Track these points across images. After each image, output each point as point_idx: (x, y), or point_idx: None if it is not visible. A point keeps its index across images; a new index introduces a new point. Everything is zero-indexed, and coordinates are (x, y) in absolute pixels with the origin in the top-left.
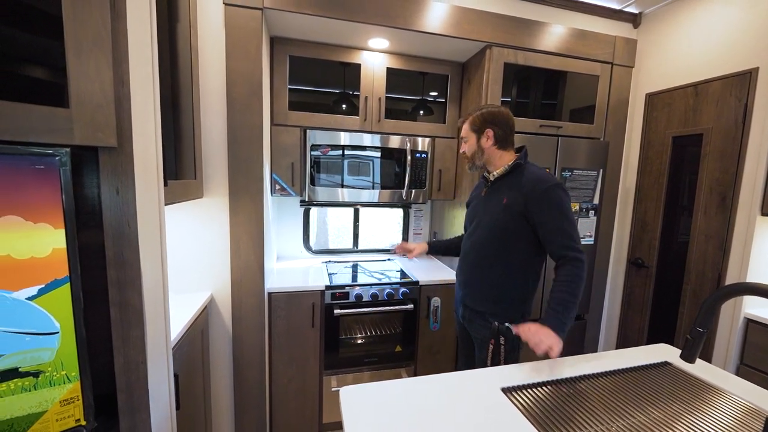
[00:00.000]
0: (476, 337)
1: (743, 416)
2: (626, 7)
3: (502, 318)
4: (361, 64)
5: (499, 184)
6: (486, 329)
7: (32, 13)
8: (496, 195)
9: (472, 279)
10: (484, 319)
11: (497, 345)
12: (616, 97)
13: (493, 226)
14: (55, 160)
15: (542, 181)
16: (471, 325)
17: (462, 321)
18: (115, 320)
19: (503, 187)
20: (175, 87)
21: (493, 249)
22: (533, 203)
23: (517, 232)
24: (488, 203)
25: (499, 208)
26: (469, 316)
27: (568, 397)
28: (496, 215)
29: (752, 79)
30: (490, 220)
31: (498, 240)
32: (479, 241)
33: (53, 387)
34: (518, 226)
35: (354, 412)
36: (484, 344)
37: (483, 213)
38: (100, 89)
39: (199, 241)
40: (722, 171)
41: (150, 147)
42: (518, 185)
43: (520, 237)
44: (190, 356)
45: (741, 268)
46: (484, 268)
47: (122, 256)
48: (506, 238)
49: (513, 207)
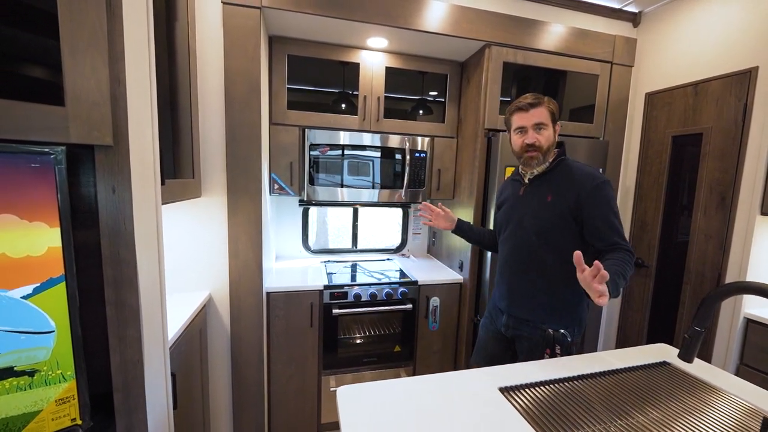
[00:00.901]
0: (525, 343)
1: (742, 416)
2: (626, 6)
3: (556, 325)
4: (360, 63)
5: (539, 181)
6: (538, 336)
7: (27, 11)
8: (537, 193)
9: (517, 286)
10: (535, 326)
11: (553, 354)
12: (615, 97)
13: (538, 226)
14: (51, 158)
15: (594, 177)
16: (517, 332)
17: (503, 330)
18: (111, 319)
19: (545, 185)
20: (173, 86)
21: (539, 251)
22: (586, 199)
23: (563, 231)
24: (528, 203)
25: (543, 205)
26: (515, 324)
27: (567, 396)
28: (541, 215)
29: (752, 79)
30: (534, 221)
31: (544, 241)
32: (521, 245)
33: (49, 386)
34: (565, 225)
35: (351, 412)
36: (535, 351)
37: (523, 214)
38: (96, 87)
39: (198, 240)
40: (722, 170)
41: (147, 145)
42: (566, 182)
43: (566, 236)
44: (187, 356)
45: (741, 267)
46: (530, 273)
47: (118, 255)
48: (553, 239)
49: (560, 204)
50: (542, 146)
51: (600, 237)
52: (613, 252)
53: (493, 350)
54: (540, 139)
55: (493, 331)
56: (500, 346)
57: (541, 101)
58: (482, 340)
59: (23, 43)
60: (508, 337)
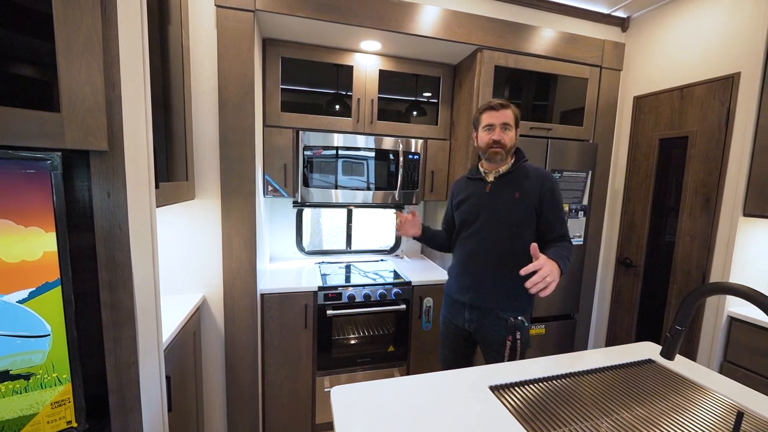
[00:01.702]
0: (489, 338)
1: (721, 412)
2: (615, 11)
3: (515, 312)
4: (353, 65)
5: (504, 180)
6: (501, 327)
7: (22, 16)
8: (504, 190)
9: (485, 278)
10: (496, 317)
11: (514, 341)
12: (604, 100)
13: (508, 220)
14: (46, 164)
15: (549, 177)
16: (481, 326)
17: (466, 326)
18: (107, 322)
19: (511, 183)
20: (166, 88)
21: (508, 244)
22: (545, 196)
23: (527, 224)
24: (497, 199)
25: (512, 200)
26: (478, 318)
27: (556, 395)
28: (509, 208)
29: (734, 84)
30: (504, 216)
31: (513, 234)
32: (491, 238)
33: (44, 389)
34: (528, 219)
35: (345, 412)
36: (500, 344)
37: (490, 207)
38: (91, 93)
39: (191, 242)
40: (706, 173)
41: (141, 149)
42: (529, 181)
43: (529, 228)
44: (182, 357)
45: (724, 267)
46: (500, 265)
47: (114, 258)
48: (519, 231)
49: (526, 200)
50: (506, 144)
51: (553, 229)
52: (561, 242)
53: (456, 345)
54: (505, 138)
55: (454, 327)
56: (462, 341)
57: (509, 105)
58: (445, 337)
59: (18, 48)
60: (470, 330)
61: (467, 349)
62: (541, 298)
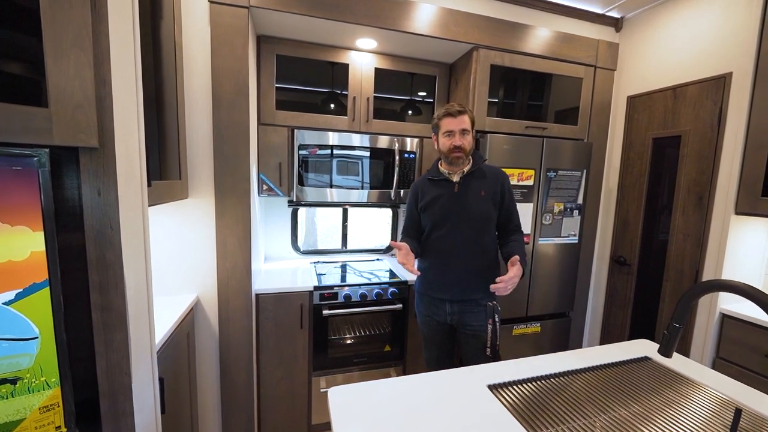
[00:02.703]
0: (471, 325)
1: (717, 408)
2: (608, 11)
3: (491, 297)
4: (349, 63)
5: (469, 179)
6: (481, 313)
7: (8, 9)
8: (470, 189)
9: (466, 273)
10: (477, 304)
11: (494, 323)
12: (599, 100)
13: (480, 216)
14: (34, 161)
15: (504, 174)
16: (463, 317)
17: (448, 320)
18: (97, 324)
19: (476, 182)
20: (158, 85)
21: (482, 238)
22: (506, 191)
23: (492, 217)
24: (465, 198)
25: (479, 198)
26: (460, 310)
27: (553, 392)
28: (480, 206)
29: (726, 84)
30: (476, 212)
31: (482, 228)
32: (468, 235)
33: (32, 394)
34: (493, 213)
35: (342, 413)
36: (481, 329)
37: (462, 206)
38: (80, 89)
39: (185, 242)
40: (699, 172)
41: (133, 147)
42: (489, 178)
43: (493, 222)
44: (175, 359)
45: (717, 265)
46: (477, 259)
47: (104, 258)
48: (487, 225)
49: (491, 197)
50: (466, 149)
51: (510, 219)
52: (515, 234)
53: (441, 342)
54: (464, 142)
55: (436, 324)
56: (446, 336)
57: (466, 110)
58: (428, 338)
59: (4, 42)
60: (452, 324)
61: (450, 343)
62: (537, 297)
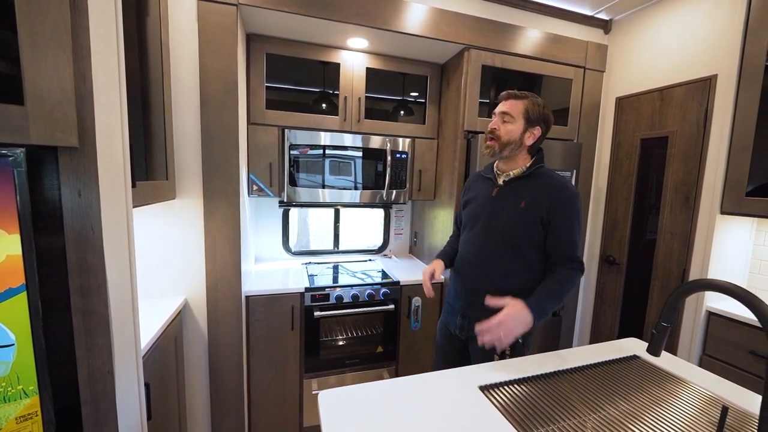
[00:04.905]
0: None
1: (704, 405)
2: (597, 13)
3: None
4: (340, 63)
5: (514, 185)
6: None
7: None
8: (511, 196)
9: (480, 286)
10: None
11: (503, 356)
12: (588, 101)
13: (508, 229)
14: (9, 160)
15: (567, 188)
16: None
17: (458, 333)
18: (78, 329)
19: (520, 189)
20: (144, 83)
21: (506, 257)
22: (557, 209)
23: (530, 236)
24: (500, 204)
25: (516, 210)
26: (469, 327)
27: (544, 392)
28: (513, 218)
29: (711, 86)
30: (505, 223)
31: (511, 244)
32: (489, 248)
33: (8, 403)
34: (532, 231)
35: (332, 416)
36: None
37: (493, 214)
38: (58, 85)
39: (173, 244)
40: (686, 172)
41: (116, 146)
42: (541, 189)
43: (531, 241)
44: (162, 364)
45: (703, 264)
46: (494, 279)
47: (85, 261)
48: (519, 242)
49: (532, 211)
50: (500, 136)
51: (558, 248)
52: (561, 268)
53: (449, 353)
54: (501, 128)
55: (448, 335)
56: (455, 349)
57: (522, 97)
58: (439, 347)
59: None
60: (462, 339)
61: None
62: None
